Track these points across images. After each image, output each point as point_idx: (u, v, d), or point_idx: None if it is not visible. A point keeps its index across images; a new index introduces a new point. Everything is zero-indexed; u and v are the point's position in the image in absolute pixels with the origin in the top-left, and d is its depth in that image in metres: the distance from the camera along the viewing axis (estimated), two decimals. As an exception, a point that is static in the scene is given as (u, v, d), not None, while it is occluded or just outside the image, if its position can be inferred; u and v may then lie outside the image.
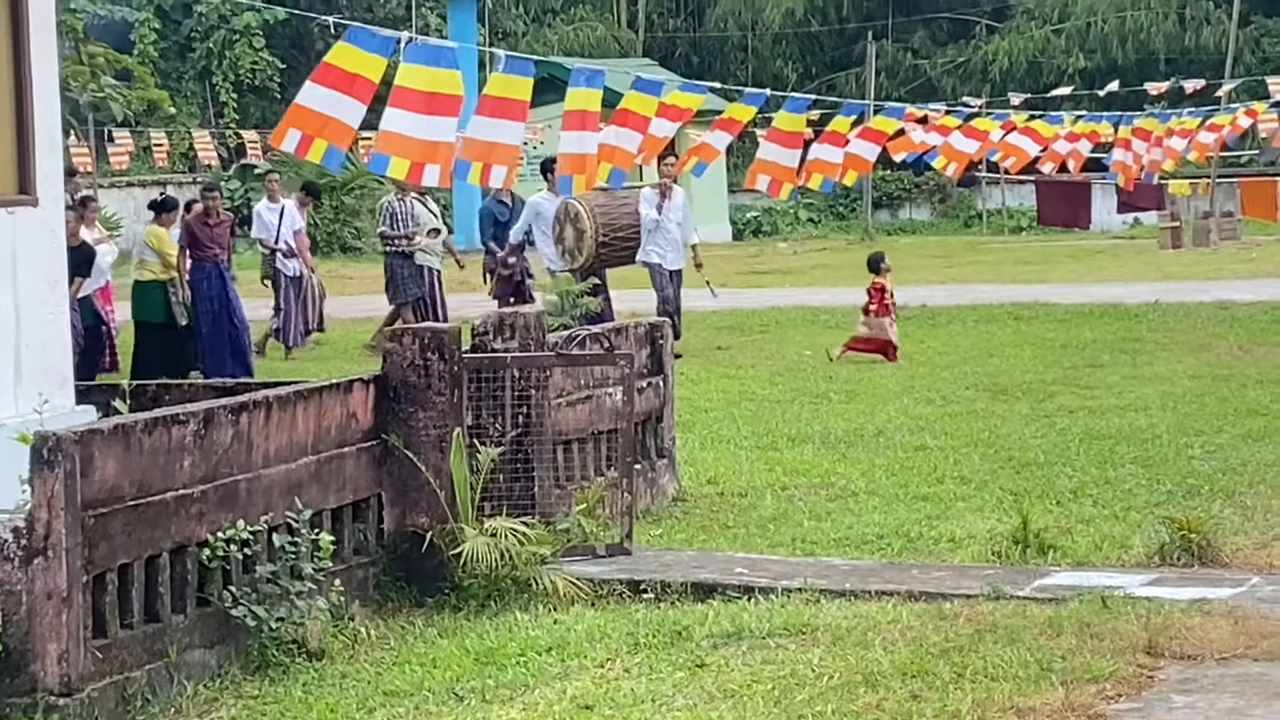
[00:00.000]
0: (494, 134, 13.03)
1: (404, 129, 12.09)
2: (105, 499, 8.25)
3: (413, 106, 12.10)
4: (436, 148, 12.19)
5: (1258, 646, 8.34)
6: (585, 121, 14.42)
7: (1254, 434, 14.60)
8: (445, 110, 12.21)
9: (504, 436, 10.74)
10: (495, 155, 13.12)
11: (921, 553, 10.99)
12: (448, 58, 12.48)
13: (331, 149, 11.76)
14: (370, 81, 11.77)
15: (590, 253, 22.21)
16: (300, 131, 11.71)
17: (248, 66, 50.71)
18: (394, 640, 9.55)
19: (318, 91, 11.77)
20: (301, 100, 11.88)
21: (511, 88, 13.22)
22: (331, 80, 11.72)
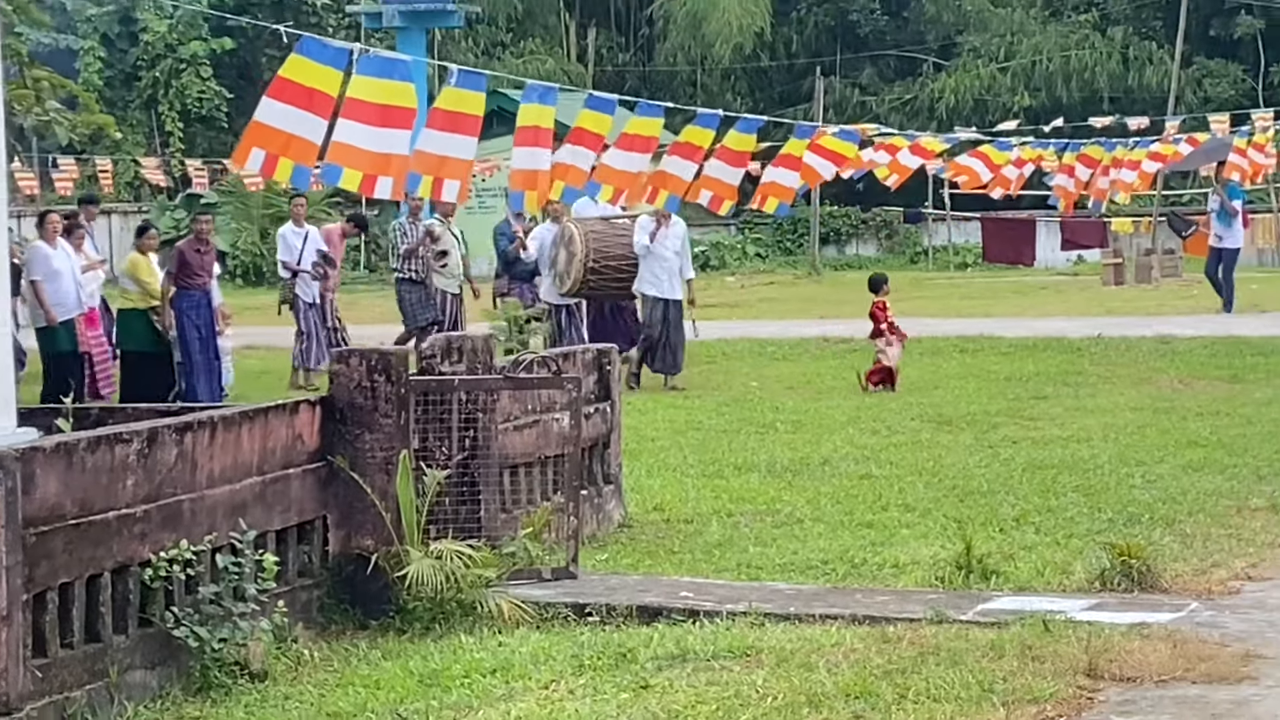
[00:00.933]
0: (446, 148, 13.04)
1: (356, 141, 12.09)
2: (47, 517, 8.21)
3: (365, 119, 12.10)
4: (389, 160, 12.19)
5: (1196, 669, 8.41)
6: (538, 138, 14.42)
7: (1194, 464, 14.71)
8: (398, 123, 12.21)
9: (450, 460, 10.74)
10: (447, 169, 13.13)
11: (865, 578, 11.03)
12: (401, 70, 12.49)
13: (298, 168, 11.74)
14: (328, 96, 11.76)
15: (578, 277, 22.11)
16: (264, 150, 11.68)
17: (194, 96, 50.59)
18: (337, 662, 9.53)
19: (275, 107, 11.74)
20: (260, 117, 11.83)
21: (463, 102, 13.23)
22: (288, 95, 11.69)
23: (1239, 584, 10.45)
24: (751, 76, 56.26)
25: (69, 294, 19.64)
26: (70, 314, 19.59)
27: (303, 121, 11.61)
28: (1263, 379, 20.45)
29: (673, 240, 21.91)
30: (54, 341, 19.46)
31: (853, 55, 55.90)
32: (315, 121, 11.65)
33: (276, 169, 11.68)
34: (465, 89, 13.33)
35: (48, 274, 19.36)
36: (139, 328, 20.27)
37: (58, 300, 19.44)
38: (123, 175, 45.24)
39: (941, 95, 52.50)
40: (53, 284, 19.41)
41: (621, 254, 22.15)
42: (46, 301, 19.27)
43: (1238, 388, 19.84)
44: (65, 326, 19.47)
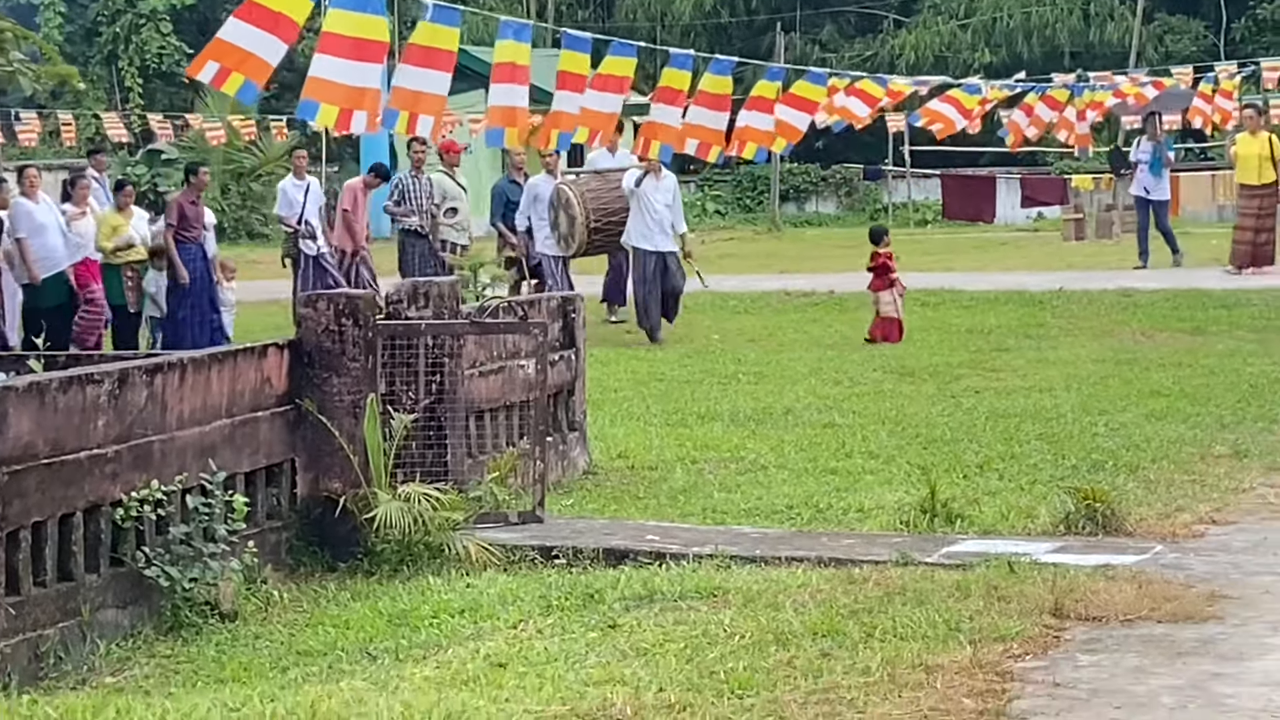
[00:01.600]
0: (421, 84, 13.01)
1: (332, 75, 12.06)
2: (19, 456, 8.24)
3: (340, 52, 12.07)
4: (364, 94, 12.17)
5: (1161, 609, 8.47)
6: (515, 75, 14.36)
7: (1157, 413, 14.80)
8: (372, 56, 12.19)
9: (417, 404, 10.77)
10: (422, 105, 13.09)
11: (831, 522, 11.10)
12: (373, 4, 12.43)
13: (247, 83, 11.69)
14: (294, 22, 11.72)
15: (583, 239, 22.09)
16: (218, 64, 11.64)
17: (154, 51, 50.38)
18: (307, 603, 9.58)
19: (240, 27, 11.70)
20: (223, 35, 11.80)
21: (438, 37, 13.19)
22: (255, 17, 11.65)
23: (1203, 528, 10.52)
24: (712, 34, 56.20)
25: (55, 248, 19.34)
26: (58, 267, 19.35)
27: (264, 42, 11.57)
28: (1225, 331, 20.56)
29: (663, 193, 21.79)
30: (40, 297, 19.23)
31: (813, 11, 55.90)
32: (276, 44, 11.61)
33: (227, 82, 11.64)
34: (439, 24, 13.28)
35: (32, 229, 19.08)
36: (111, 283, 20.13)
37: (44, 255, 19.17)
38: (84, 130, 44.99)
39: (902, 52, 52.53)
40: (38, 239, 19.13)
41: (621, 207, 22.03)
42: (30, 258, 19.02)
43: (1200, 339, 19.94)
44: (53, 280, 19.24)
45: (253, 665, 8.40)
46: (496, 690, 7.47)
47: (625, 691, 7.27)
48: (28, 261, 19.04)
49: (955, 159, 46.00)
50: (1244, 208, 27.40)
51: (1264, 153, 27.00)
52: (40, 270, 19.06)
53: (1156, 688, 7.26)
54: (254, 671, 8.31)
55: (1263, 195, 26.99)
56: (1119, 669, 7.55)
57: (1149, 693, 7.20)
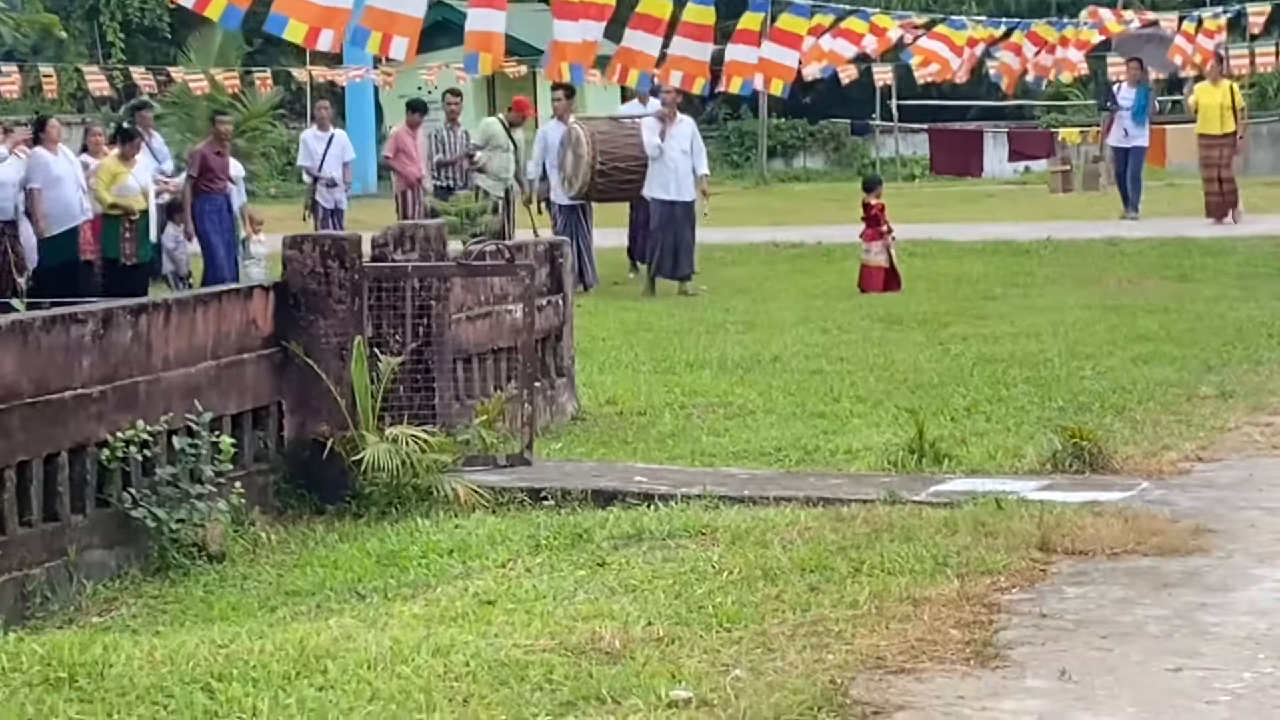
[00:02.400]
0: (396, 4, 12.88)
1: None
2: (4, 395, 8.24)
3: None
4: (334, 13, 12.07)
5: (1147, 543, 8.49)
6: None
7: (1143, 357, 14.81)
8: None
9: (404, 347, 10.75)
10: (397, 26, 12.95)
11: (819, 464, 11.11)
12: None
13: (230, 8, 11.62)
14: None
15: (585, 180, 21.71)
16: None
17: (136, 6, 50.09)
18: (295, 545, 9.60)
19: None
20: None
21: None
22: None
23: (1189, 465, 10.55)
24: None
25: (71, 202, 19.18)
26: (73, 221, 19.16)
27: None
28: (1211, 278, 20.57)
29: (680, 139, 21.35)
30: (52, 251, 19.06)
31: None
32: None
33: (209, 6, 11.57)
34: None
35: (47, 181, 18.81)
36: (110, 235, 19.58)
37: (59, 209, 19.05)
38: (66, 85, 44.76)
39: (889, 2, 52.39)
40: (52, 191, 18.89)
41: (630, 154, 21.66)
42: (41, 210, 18.86)
43: (1186, 286, 19.94)
44: (67, 235, 19.08)
45: (241, 605, 8.42)
46: (485, 626, 7.48)
47: (614, 626, 7.28)
48: (37, 214, 18.87)
49: (942, 113, 45.92)
50: (1206, 158, 27.19)
51: (1225, 102, 26.87)
52: (52, 224, 18.90)
53: (1143, 617, 7.30)
54: (242, 611, 8.32)
55: (1223, 144, 26.86)
56: (1105, 600, 7.58)
57: (1135, 622, 7.23)
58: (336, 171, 22.89)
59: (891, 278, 20.76)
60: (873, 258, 20.92)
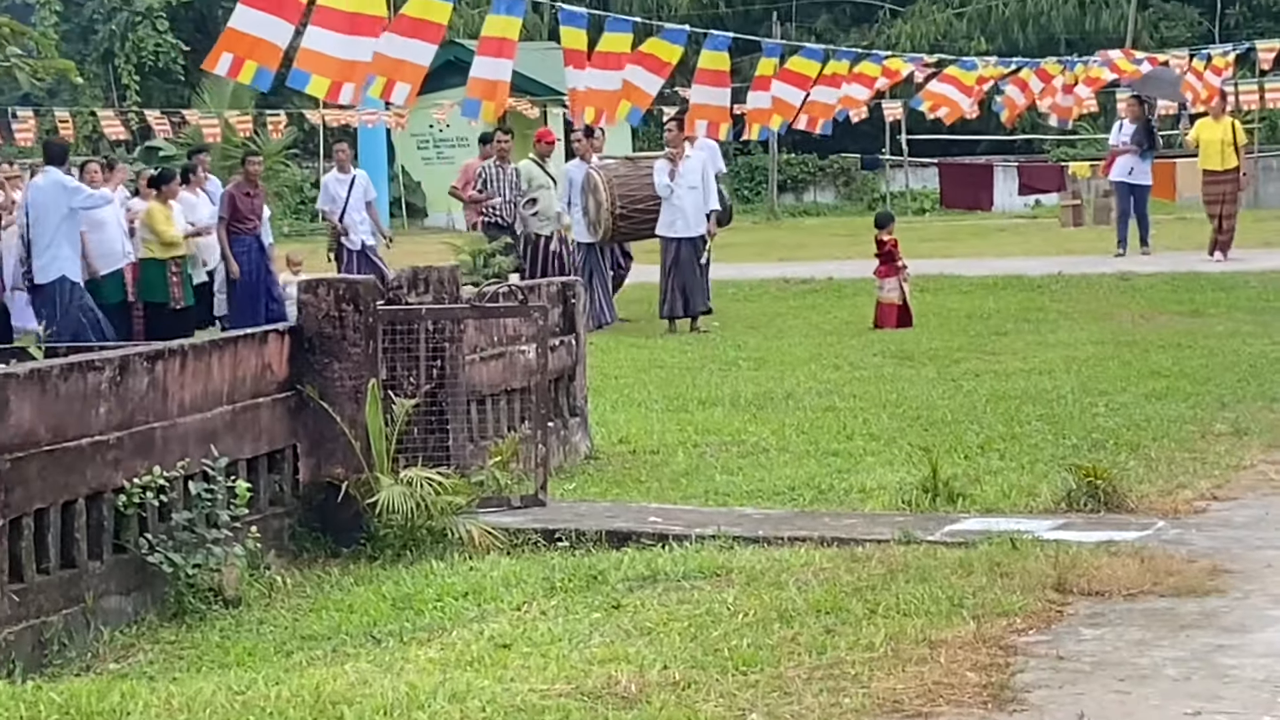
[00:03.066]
0: (405, 52, 12.96)
1: (325, 48, 12.07)
2: (21, 443, 8.24)
3: (335, 26, 12.08)
4: (354, 67, 12.18)
5: (1164, 583, 8.48)
6: (501, 49, 14.34)
7: (1156, 393, 14.80)
8: (366, 30, 12.20)
9: (419, 389, 10.77)
10: (401, 73, 13.06)
11: (833, 503, 11.10)
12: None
13: (261, 70, 11.72)
14: (299, 2, 11.74)
15: (608, 226, 21.83)
16: (231, 55, 11.65)
17: (151, 49, 50.34)
18: (310, 588, 9.59)
19: (248, 14, 11.72)
20: (234, 24, 11.81)
21: (430, 10, 13.18)
22: (261, 2, 11.67)
23: (1204, 504, 10.53)
24: (708, 24, 56.01)
25: (115, 244, 19.25)
26: (118, 264, 19.20)
27: (271, 26, 11.60)
28: (1224, 313, 20.56)
29: (689, 175, 21.29)
30: (99, 294, 19.05)
31: (809, 2, 55.89)
32: (283, 26, 11.64)
33: (242, 71, 11.67)
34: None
35: (91, 224, 18.86)
36: (158, 279, 19.78)
37: (102, 251, 19.09)
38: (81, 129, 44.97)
39: (898, 41, 52.46)
40: (97, 234, 18.98)
41: (648, 194, 21.67)
42: (90, 253, 18.92)
43: (1198, 321, 19.94)
44: (112, 278, 19.08)
45: (257, 650, 8.42)
46: (501, 670, 7.49)
47: (630, 670, 7.28)
48: (88, 257, 18.90)
49: (952, 147, 45.98)
50: (1209, 194, 27.07)
51: (1226, 138, 26.78)
52: (101, 266, 18.94)
53: (1160, 660, 7.28)
54: (258, 656, 8.33)
55: (1225, 180, 26.77)
56: (1122, 642, 7.57)
57: (1152, 664, 7.22)
58: (359, 213, 22.72)
59: (904, 314, 20.76)
60: (886, 294, 20.94)
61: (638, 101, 17.07)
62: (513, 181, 22.53)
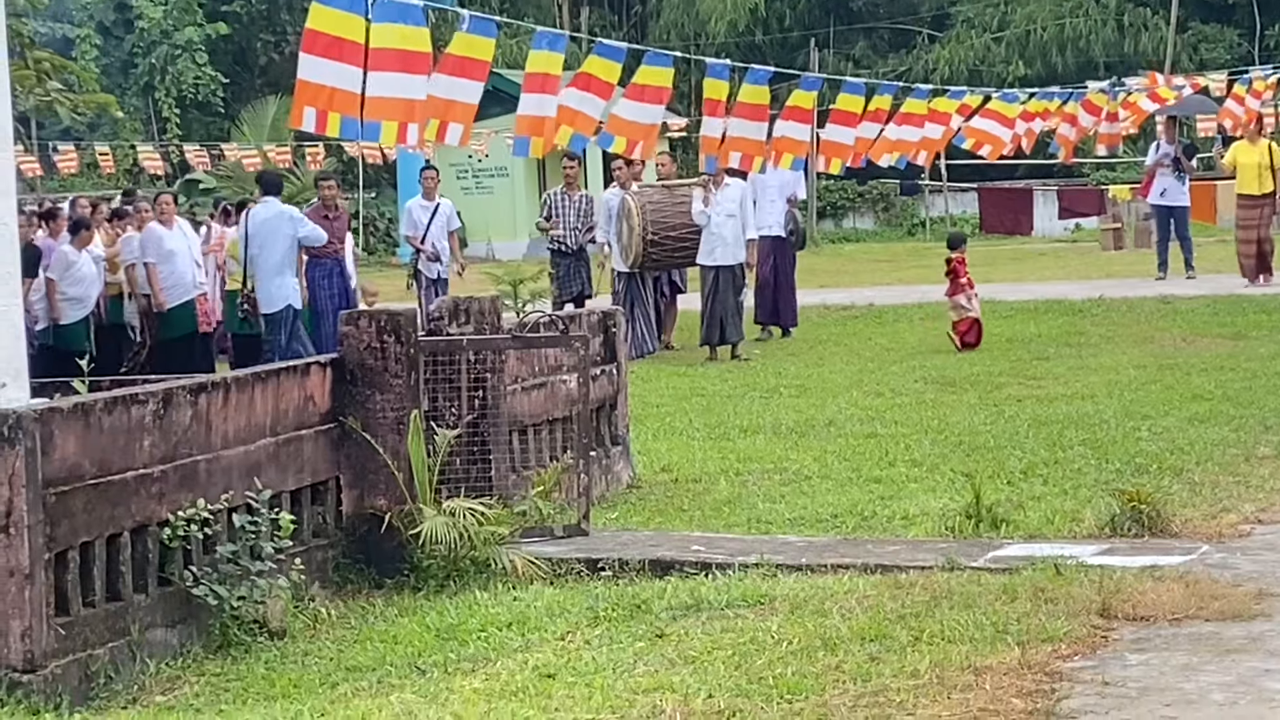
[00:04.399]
0: (454, 93, 13.05)
1: (385, 91, 12.07)
2: (66, 477, 8.28)
3: (389, 67, 12.10)
4: (413, 106, 12.22)
5: (1209, 608, 8.46)
6: (545, 85, 14.39)
7: (1199, 417, 14.76)
8: (417, 68, 12.23)
9: (460, 420, 10.79)
10: (453, 114, 13.13)
11: (876, 530, 11.10)
12: (414, 15, 12.46)
13: (346, 120, 11.74)
14: (357, 43, 11.75)
15: (638, 251, 21.84)
16: (314, 108, 11.67)
17: (190, 82, 50.61)
18: (355, 619, 9.61)
19: (312, 62, 11.74)
20: (303, 75, 11.82)
21: (474, 48, 13.24)
22: (320, 48, 11.70)
23: (1249, 527, 10.50)
24: (745, 52, 56.17)
25: (185, 275, 19.35)
26: (188, 295, 19.31)
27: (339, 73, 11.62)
28: (1266, 335, 20.47)
29: (726, 203, 21.35)
30: (170, 325, 19.17)
31: (846, 28, 55.96)
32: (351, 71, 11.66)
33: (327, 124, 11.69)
34: (476, 34, 13.33)
35: (161, 256, 19.05)
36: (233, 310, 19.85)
37: (172, 283, 19.19)
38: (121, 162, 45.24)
39: (936, 67, 52.52)
40: (167, 265, 19.12)
41: (682, 222, 21.72)
42: (158, 284, 19.03)
43: (1241, 344, 19.87)
44: (183, 308, 19.18)
45: (302, 682, 8.43)
46: (546, 700, 7.50)
47: (674, 699, 7.29)
48: (154, 288, 19.02)
49: (991, 172, 45.94)
50: (1244, 219, 26.45)
51: (1264, 161, 26.29)
52: (168, 298, 19.04)
53: (1206, 685, 7.26)
54: (303, 688, 8.34)
55: (1263, 205, 26.28)
56: (1168, 667, 7.55)
57: (1198, 690, 7.19)
58: (441, 242, 22.45)
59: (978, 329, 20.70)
60: (958, 311, 20.84)
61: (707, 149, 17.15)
62: (580, 209, 22.54)
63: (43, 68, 22.55)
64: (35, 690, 7.98)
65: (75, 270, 18.81)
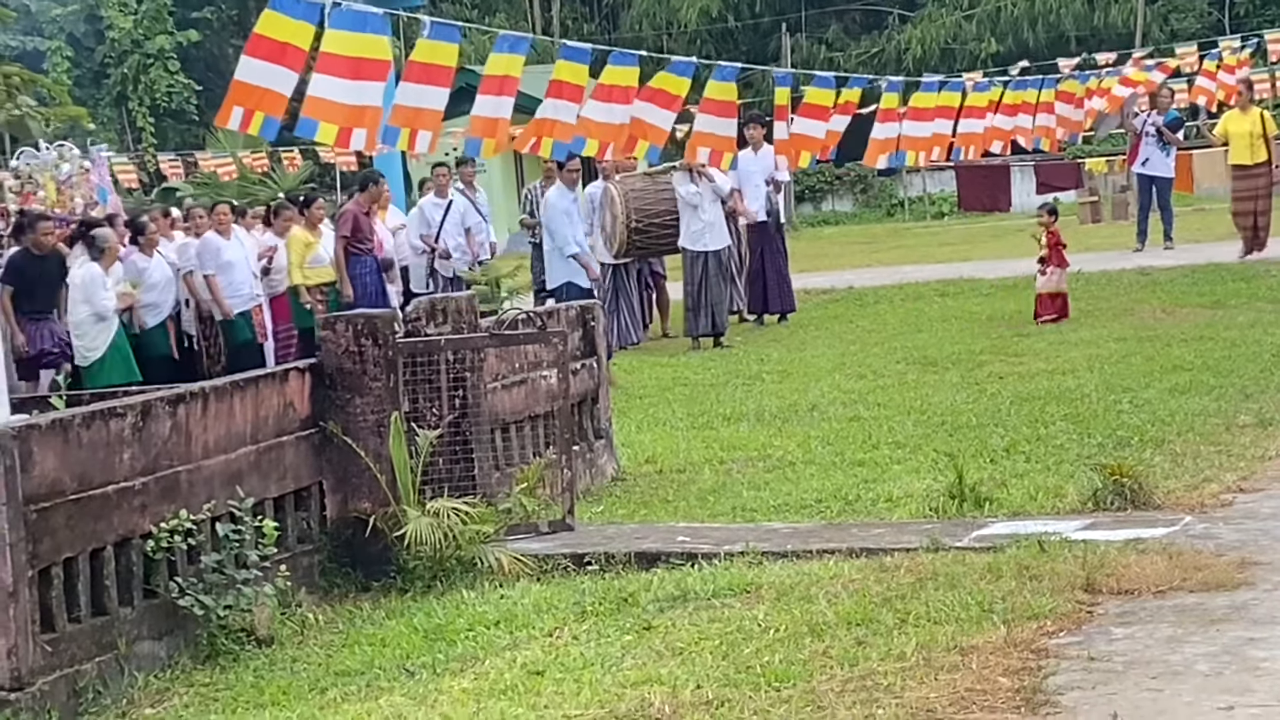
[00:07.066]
0: (420, 100, 13.04)
1: (331, 94, 12.09)
2: (46, 493, 8.29)
3: (339, 72, 12.10)
4: (363, 112, 12.21)
5: (1193, 579, 8.47)
6: (503, 87, 14.38)
7: (1180, 387, 14.78)
8: (371, 75, 12.22)
9: (441, 420, 10.79)
10: (421, 121, 13.13)
11: (860, 513, 11.11)
12: (373, 23, 12.46)
13: (268, 120, 11.74)
14: (300, 50, 11.77)
15: (622, 239, 21.82)
16: (241, 108, 11.68)
17: (163, 90, 50.57)
18: (342, 624, 9.62)
19: (252, 65, 11.75)
20: (240, 76, 11.84)
21: (437, 54, 13.23)
22: (264, 51, 11.71)
23: (1231, 496, 10.52)
24: (718, 39, 56.26)
25: (242, 284, 19.27)
26: (246, 305, 19.30)
27: (275, 75, 11.63)
28: (1245, 303, 20.48)
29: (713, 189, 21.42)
30: (232, 333, 19.17)
31: (818, 11, 55.92)
32: (287, 75, 11.68)
33: (251, 123, 11.70)
34: (438, 41, 13.32)
35: (220, 266, 19.04)
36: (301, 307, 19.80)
37: (231, 293, 19.19)
38: (96, 173, 45.13)
39: (908, 46, 52.53)
40: (225, 276, 19.09)
41: (665, 209, 21.75)
42: (220, 294, 19.06)
43: (1220, 313, 19.88)
44: (243, 317, 19.16)
45: (291, 688, 8.44)
46: (535, 698, 7.51)
47: (663, 691, 7.30)
48: (217, 298, 19.03)
49: (968, 149, 45.83)
50: (1239, 190, 25.68)
51: (1255, 130, 25.56)
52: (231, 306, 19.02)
53: (1191, 656, 7.27)
54: (293, 694, 8.35)
55: (1257, 175, 25.53)
56: (1153, 640, 7.55)
57: (1184, 661, 7.20)
58: (456, 239, 22.17)
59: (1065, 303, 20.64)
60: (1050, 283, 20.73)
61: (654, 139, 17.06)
62: None
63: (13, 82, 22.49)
64: (23, 708, 7.99)
65: (147, 277, 18.87)
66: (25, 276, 17.61)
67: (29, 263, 17.70)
